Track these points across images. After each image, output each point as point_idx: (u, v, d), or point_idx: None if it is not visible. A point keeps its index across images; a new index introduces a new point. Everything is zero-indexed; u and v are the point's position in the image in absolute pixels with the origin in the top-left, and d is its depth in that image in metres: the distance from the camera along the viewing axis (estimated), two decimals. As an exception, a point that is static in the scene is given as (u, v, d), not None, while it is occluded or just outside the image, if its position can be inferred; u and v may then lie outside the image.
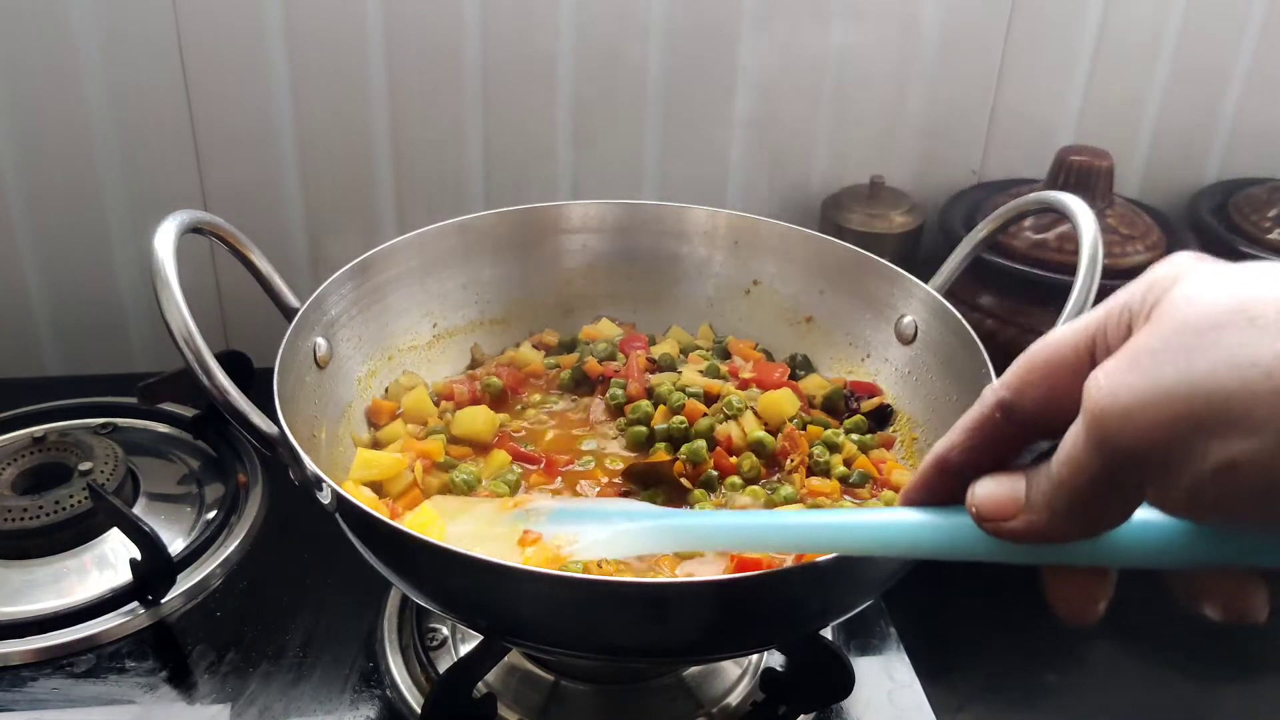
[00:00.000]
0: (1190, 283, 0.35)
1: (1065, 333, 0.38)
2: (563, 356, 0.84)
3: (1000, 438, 0.40)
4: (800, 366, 0.83)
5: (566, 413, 0.79)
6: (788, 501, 0.70)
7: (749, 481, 0.72)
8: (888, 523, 0.43)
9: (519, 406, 0.80)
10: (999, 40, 1.05)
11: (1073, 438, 0.35)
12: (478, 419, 0.75)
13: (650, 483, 0.70)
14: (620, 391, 0.77)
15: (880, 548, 0.44)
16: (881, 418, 0.78)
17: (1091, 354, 0.37)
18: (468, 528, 0.63)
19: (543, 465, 0.73)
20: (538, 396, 0.80)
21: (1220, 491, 0.32)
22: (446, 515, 0.64)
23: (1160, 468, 0.33)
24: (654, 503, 0.69)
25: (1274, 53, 1.09)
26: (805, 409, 0.78)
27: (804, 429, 0.75)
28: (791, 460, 0.73)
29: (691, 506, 0.69)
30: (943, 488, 0.41)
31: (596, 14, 0.98)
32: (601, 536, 0.56)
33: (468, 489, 0.69)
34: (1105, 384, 0.34)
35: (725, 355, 0.84)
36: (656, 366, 0.81)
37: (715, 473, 0.72)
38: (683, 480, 0.70)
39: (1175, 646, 0.81)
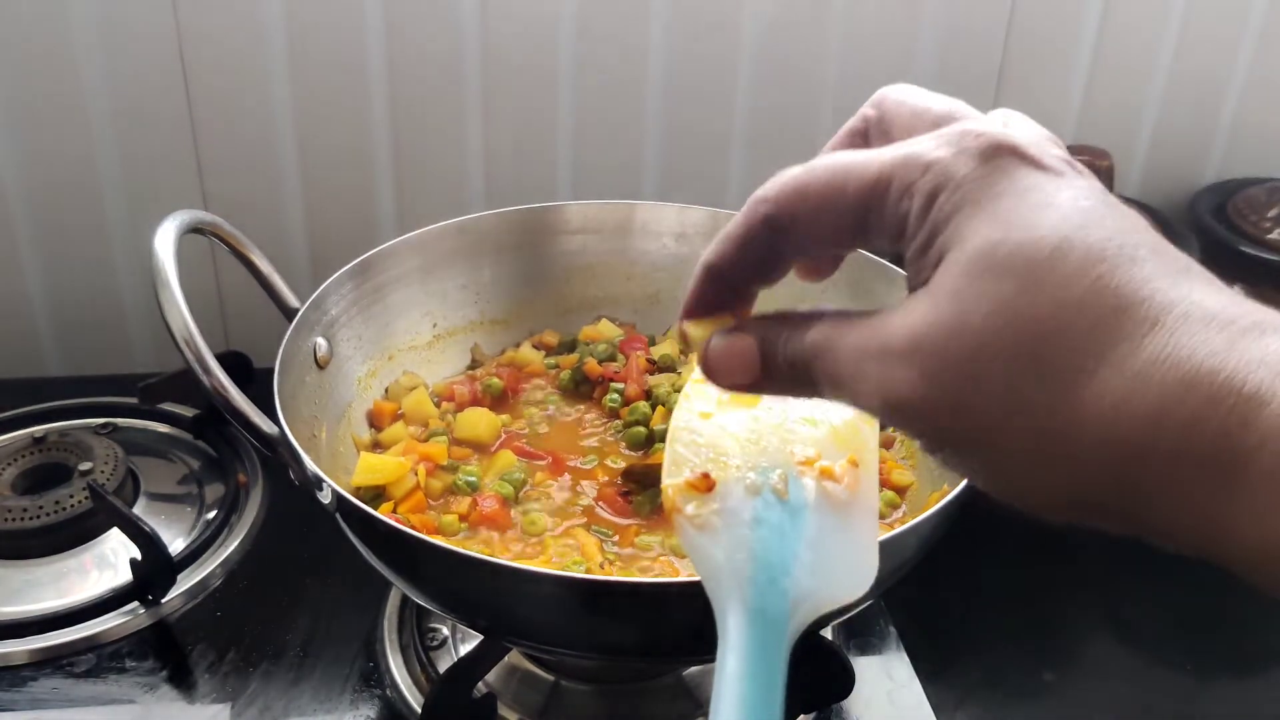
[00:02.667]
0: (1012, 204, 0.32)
1: (848, 167, 0.36)
2: (563, 357, 0.84)
3: (766, 250, 0.38)
4: None
5: (566, 413, 0.79)
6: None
7: None
8: None
9: (521, 405, 0.80)
10: (999, 41, 1.05)
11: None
12: (480, 422, 0.75)
13: (650, 483, 0.70)
14: (618, 395, 0.77)
15: None
16: (881, 418, 0.78)
17: (872, 203, 0.35)
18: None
19: (549, 462, 0.73)
20: (539, 395, 0.81)
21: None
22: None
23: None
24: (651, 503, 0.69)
25: (1274, 53, 1.09)
26: None
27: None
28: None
29: None
30: (715, 297, 0.40)
31: (597, 15, 0.98)
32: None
33: (471, 490, 0.70)
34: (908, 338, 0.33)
35: None
36: (656, 367, 0.81)
37: None
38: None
39: (1173, 644, 0.81)
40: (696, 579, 0.53)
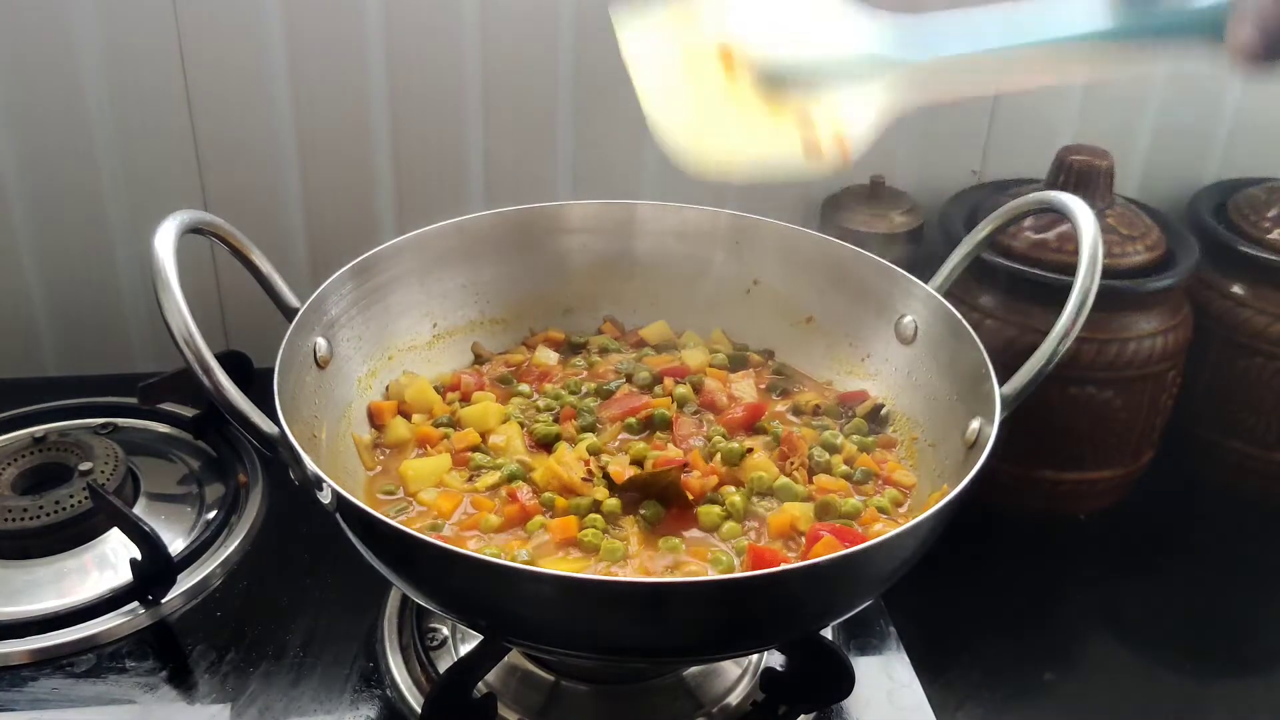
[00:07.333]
0: None
1: None
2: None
3: None
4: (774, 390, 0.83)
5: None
6: (795, 498, 0.70)
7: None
8: None
9: (532, 398, 0.81)
10: (999, 40, 1.05)
11: None
12: (486, 412, 0.76)
13: (653, 493, 0.69)
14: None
15: None
16: (880, 418, 0.78)
17: None
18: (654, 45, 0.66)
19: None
20: (550, 388, 0.81)
21: None
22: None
23: None
24: (654, 511, 0.69)
25: (1274, 53, 1.09)
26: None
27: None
28: (791, 463, 0.73)
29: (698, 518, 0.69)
30: None
31: (596, 15, 0.98)
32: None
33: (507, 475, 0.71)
34: None
35: (743, 364, 0.83)
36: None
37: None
38: (687, 494, 0.69)
39: (1171, 644, 0.81)
40: (695, 579, 0.52)
